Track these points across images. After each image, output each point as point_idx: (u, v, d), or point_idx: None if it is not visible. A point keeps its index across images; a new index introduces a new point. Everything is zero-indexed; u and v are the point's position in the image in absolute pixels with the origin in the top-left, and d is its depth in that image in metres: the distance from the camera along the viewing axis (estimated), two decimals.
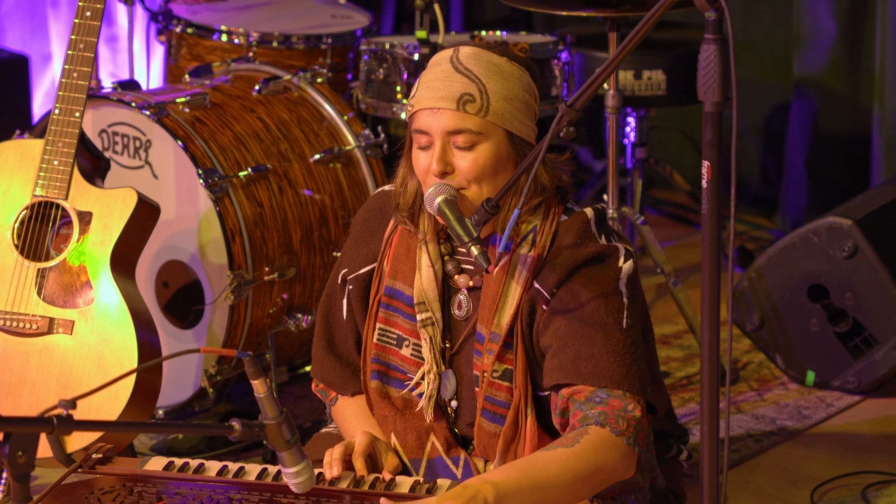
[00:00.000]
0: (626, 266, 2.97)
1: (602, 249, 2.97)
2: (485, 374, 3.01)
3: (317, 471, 2.86)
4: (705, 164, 2.59)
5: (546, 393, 3.00)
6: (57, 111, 3.73)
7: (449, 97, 2.93)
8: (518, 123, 2.96)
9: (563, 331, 2.93)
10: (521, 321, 2.98)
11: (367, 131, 4.54)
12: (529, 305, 2.98)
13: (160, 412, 4.34)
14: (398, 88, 4.65)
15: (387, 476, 2.93)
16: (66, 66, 3.73)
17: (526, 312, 2.98)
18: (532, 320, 2.99)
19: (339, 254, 4.38)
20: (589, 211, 3.02)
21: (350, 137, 4.52)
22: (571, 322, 2.93)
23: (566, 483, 2.78)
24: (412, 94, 3.00)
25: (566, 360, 2.91)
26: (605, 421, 2.85)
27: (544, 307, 2.97)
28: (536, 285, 2.97)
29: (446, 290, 3.09)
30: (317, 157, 4.43)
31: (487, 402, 3.02)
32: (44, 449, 2.79)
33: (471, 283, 3.07)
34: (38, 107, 5.90)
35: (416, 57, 4.59)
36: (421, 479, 2.92)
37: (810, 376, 4.63)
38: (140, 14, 5.56)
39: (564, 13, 4.41)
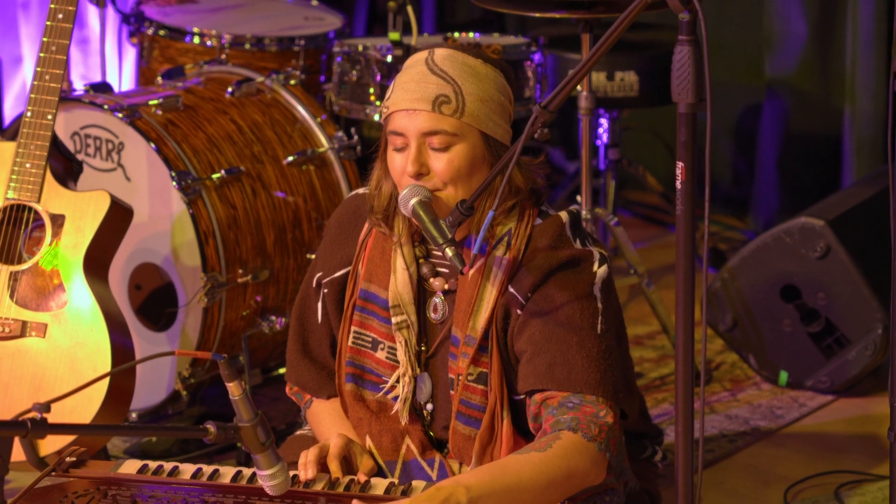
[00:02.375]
0: (600, 271, 2.97)
1: (577, 254, 2.98)
2: (460, 378, 3.01)
3: (291, 473, 2.86)
4: (679, 165, 2.60)
5: (521, 397, 3.00)
6: (29, 114, 3.71)
7: (424, 98, 2.93)
8: (493, 125, 2.97)
9: (537, 336, 2.94)
10: (495, 325, 2.98)
11: (340, 133, 4.54)
12: (504, 310, 2.98)
13: (134, 415, 4.33)
14: (371, 90, 4.64)
15: (362, 478, 2.93)
16: (38, 69, 3.72)
17: (501, 316, 2.98)
18: (507, 324, 2.99)
19: (312, 256, 4.37)
20: (563, 214, 3.03)
21: (323, 139, 4.52)
22: (546, 327, 2.93)
23: (538, 487, 2.78)
24: (387, 95, 3.00)
25: (541, 365, 2.92)
26: (578, 426, 2.86)
27: (519, 311, 2.97)
28: (511, 290, 2.97)
29: (421, 293, 3.09)
30: (290, 159, 4.42)
31: (462, 406, 3.02)
32: (17, 453, 2.79)
33: (446, 287, 3.06)
34: (9, 109, 5.87)
35: (388, 59, 4.59)
36: (396, 481, 2.92)
37: (783, 376, 4.65)
38: (112, 16, 5.53)
39: (537, 15, 4.41)
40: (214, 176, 4.26)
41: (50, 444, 3.54)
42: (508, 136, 3.01)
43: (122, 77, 5.55)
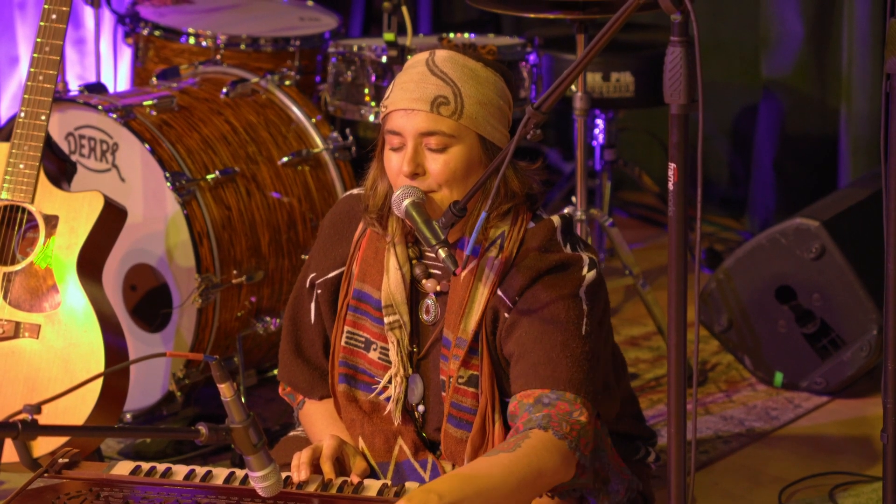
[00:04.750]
0: (589, 275, 2.97)
1: (566, 258, 2.98)
2: (451, 380, 3.01)
3: (284, 474, 2.86)
4: (672, 166, 2.60)
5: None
6: (23, 114, 3.71)
7: (423, 99, 2.93)
8: (491, 129, 2.96)
9: (524, 338, 2.94)
10: (485, 327, 2.98)
11: (335, 134, 4.54)
12: (493, 312, 2.98)
13: (128, 416, 4.33)
14: (366, 91, 4.64)
15: (354, 479, 2.93)
16: (32, 70, 3.72)
17: (490, 319, 2.98)
18: (495, 327, 2.99)
19: (307, 256, 4.37)
20: (555, 219, 3.03)
21: (318, 140, 4.51)
22: (532, 328, 2.93)
23: (509, 488, 2.78)
24: (386, 95, 3.00)
25: (527, 367, 2.92)
26: (549, 424, 2.85)
27: (506, 314, 2.97)
28: (499, 292, 2.97)
29: (414, 293, 3.09)
30: (285, 159, 4.42)
31: (453, 408, 3.02)
32: (11, 454, 2.79)
33: (438, 288, 3.06)
34: (6, 109, 5.87)
35: (384, 59, 4.59)
36: (389, 483, 2.92)
37: (778, 377, 4.65)
38: (107, 16, 5.54)
39: (532, 15, 4.42)
40: (209, 177, 4.26)
41: (44, 445, 3.53)
42: (507, 141, 3.00)
43: (118, 77, 5.55)
